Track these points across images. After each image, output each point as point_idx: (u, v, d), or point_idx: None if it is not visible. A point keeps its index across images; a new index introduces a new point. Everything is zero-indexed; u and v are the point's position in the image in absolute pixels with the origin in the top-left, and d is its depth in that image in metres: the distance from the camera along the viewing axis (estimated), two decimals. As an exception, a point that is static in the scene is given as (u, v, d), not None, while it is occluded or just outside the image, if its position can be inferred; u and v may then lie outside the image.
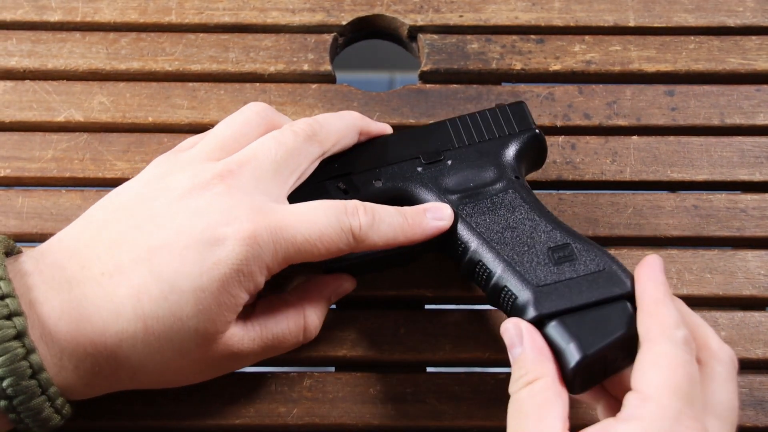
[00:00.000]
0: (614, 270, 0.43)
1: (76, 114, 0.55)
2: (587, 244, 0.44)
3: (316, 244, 0.41)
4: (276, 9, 0.59)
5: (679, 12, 0.59)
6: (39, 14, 0.58)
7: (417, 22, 0.58)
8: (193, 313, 0.39)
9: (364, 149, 0.50)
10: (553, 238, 0.45)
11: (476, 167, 0.48)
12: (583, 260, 0.44)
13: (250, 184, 0.42)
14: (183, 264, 0.39)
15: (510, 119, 0.50)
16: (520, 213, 0.46)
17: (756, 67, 0.57)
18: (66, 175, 0.53)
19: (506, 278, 0.44)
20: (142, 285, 0.39)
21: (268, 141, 0.44)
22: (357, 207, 0.43)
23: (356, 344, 0.49)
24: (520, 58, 0.57)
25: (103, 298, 0.39)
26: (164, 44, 0.58)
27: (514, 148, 0.49)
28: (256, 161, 0.42)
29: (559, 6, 0.59)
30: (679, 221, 0.52)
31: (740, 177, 0.54)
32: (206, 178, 0.41)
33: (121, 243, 0.40)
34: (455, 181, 0.48)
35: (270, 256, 0.40)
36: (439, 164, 0.49)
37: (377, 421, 0.47)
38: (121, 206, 0.42)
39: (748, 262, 0.51)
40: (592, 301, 0.42)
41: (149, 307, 0.39)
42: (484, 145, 0.49)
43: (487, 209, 0.46)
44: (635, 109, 0.56)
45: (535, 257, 0.44)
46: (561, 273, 0.43)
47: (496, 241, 0.45)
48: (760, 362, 0.49)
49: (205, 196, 0.41)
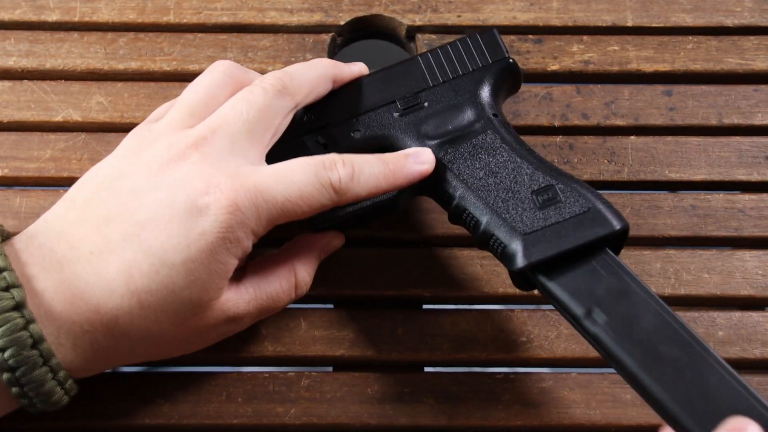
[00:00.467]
0: (599, 209, 0.43)
1: (74, 114, 0.55)
2: (570, 182, 0.44)
3: (298, 203, 0.42)
4: (274, 9, 0.59)
5: (677, 12, 0.59)
6: (37, 14, 0.58)
7: (415, 22, 0.58)
8: (185, 284, 0.39)
9: (339, 97, 0.49)
10: (536, 180, 0.45)
11: (453, 107, 0.48)
12: (568, 202, 0.44)
13: (225, 149, 0.42)
14: (170, 237, 0.39)
15: (482, 49, 0.49)
16: (501, 156, 0.46)
17: (754, 67, 0.57)
18: (64, 175, 0.53)
19: (494, 227, 0.44)
20: (133, 261, 0.39)
21: (238, 102, 0.44)
22: (335, 160, 0.43)
23: (354, 344, 0.49)
24: (518, 58, 0.57)
25: (94, 276, 0.39)
26: (162, 44, 0.58)
27: (489, 82, 0.49)
28: (227, 125, 0.43)
29: (557, 6, 0.59)
30: (676, 221, 0.52)
31: (738, 177, 0.54)
32: (180, 148, 0.42)
33: (107, 220, 0.40)
34: (433, 125, 0.47)
35: (254, 220, 0.41)
36: (416, 108, 0.48)
37: (375, 421, 0.47)
38: (102, 183, 0.42)
39: (746, 262, 0.51)
40: (579, 243, 0.42)
41: (141, 282, 0.39)
42: (459, 81, 0.49)
43: (468, 154, 0.46)
44: (633, 109, 0.56)
45: (520, 203, 0.44)
46: (547, 218, 0.43)
47: (480, 188, 0.45)
48: (757, 362, 0.49)
49: (181, 167, 0.41)
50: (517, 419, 0.47)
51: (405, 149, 0.46)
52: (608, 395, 0.48)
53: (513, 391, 0.48)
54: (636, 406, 0.47)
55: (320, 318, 0.49)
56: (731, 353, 0.49)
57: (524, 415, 0.47)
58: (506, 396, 0.48)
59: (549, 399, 0.48)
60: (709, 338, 0.49)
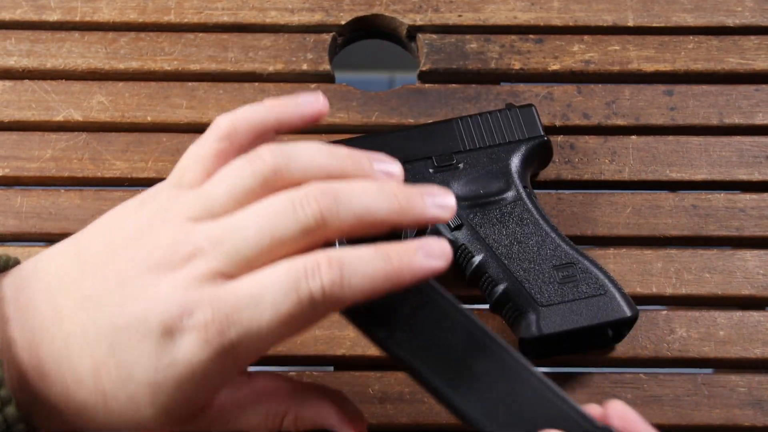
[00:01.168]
0: (614, 294, 0.46)
1: (75, 113, 0.55)
2: (590, 264, 0.47)
3: (279, 329, 0.35)
4: (275, 9, 0.59)
5: (677, 12, 0.59)
6: (38, 14, 0.58)
7: (416, 22, 0.58)
8: (149, 403, 0.36)
9: (377, 144, 0.50)
10: (559, 255, 0.47)
11: (486, 173, 0.50)
12: (586, 282, 0.46)
13: (217, 269, 0.36)
14: (140, 355, 0.36)
15: (520, 123, 0.51)
16: (528, 227, 0.48)
17: (755, 67, 0.57)
18: (65, 175, 0.53)
19: (513, 293, 0.46)
20: (103, 363, 0.36)
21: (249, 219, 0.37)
22: (319, 263, 0.35)
23: (355, 344, 0.49)
24: (519, 58, 0.57)
25: (67, 365, 0.37)
26: (163, 44, 0.58)
27: (523, 156, 0.50)
28: (231, 242, 0.36)
29: (558, 6, 0.59)
30: (677, 221, 0.52)
31: (739, 176, 0.54)
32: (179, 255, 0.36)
33: (90, 306, 0.37)
34: (466, 187, 0.49)
35: (229, 355, 0.35)
36: (451, 167, 0.50)
37: (375, 420, 0.47)
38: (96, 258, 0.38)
39: (746, 261, 0.51)
40: (590, 324, 0.45)
41: (109, 387, 0.37)
42: (495, 149, 0.50)
43: (497, 220, 0.48)
44: (634, 109, 0.56)
45: (541, 275, 0.46)
46: (564, 294, 0.46)
47: (504, 255, 0.47)
48: (758, 362, 0.49)
49: (168, 279, 0.36)
50: (518, 419, 0.47)
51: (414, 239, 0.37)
52: (609, 395, 0.48)
53: (514, 390, 0.48)
54: (636, 406, 0.47)
55: (321, 318, 0.49)
56: (732, 353, 0.49)
57: (525, 415, 0.47)
58: (507, 396, 0.48)
59: (550, 399, 0.48)
60: (710, 338, 0.49)
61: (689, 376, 0.48)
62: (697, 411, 0.48)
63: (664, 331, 0.49)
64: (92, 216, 0.52)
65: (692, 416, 0.47)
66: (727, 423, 0.47)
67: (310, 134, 0.55)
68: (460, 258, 0.48)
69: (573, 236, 0.52)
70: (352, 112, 0.56)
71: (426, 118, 0.55)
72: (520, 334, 0.46)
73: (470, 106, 0.56)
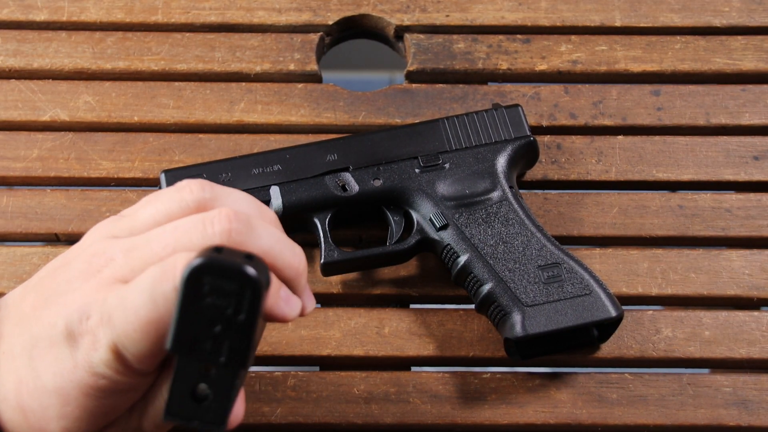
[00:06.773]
0: (599, 294, 0.46)
1: (61, 113, 0.55)
2: (575, 264, 0.47)
3: (145, 328, 0.35)
4: (262, 8, 0.59)
5: (665, 12, 0.59)
6: (25, 13, 0.58)
7: (403, 22, 0.58)
8: (59, 414, 0.37)
9: (363, 143, 0.50)
10: (544, 255, 0.47)
11: (472, 173, 0.50)
12: (571, 282, 0.46)
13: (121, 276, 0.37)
14: (51, 362, 0.36)
15: (506, 123, 0.51)
16: (514, 227, 0.48)
17: (741, 67, 0.57)
18: (51, 175, 0.53)
19: (498, 293, 0.46)
20: (23, 377, 0.37)
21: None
22: (175, 265, 0.35)
23: (341, 343, 0.49)
24: (507, 58, 0.57)
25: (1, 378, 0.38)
26: (150, 44, 0.57)
27: (509, 156, 0.50)
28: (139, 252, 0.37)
29: (545, 6, 0.59)
30: (664, 221, 0.52)
31: (725, 177, 0.54)
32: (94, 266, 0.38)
33: (22, 323, 0.38)
34: (451, 187, 0.49)
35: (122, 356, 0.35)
36: (436, 167, 0.50)
37: (361, 420, 0.47)
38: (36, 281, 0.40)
39: (732, 261, 0.51)
40: (575, 324, 0.45)
41: (27, 401, 0.37)
42: (480, 149, 0.50)
43: (482, 220, 0.48)
44: (621, 109, 0.56)
45: (526, 275, 0.46)
46: (549, 294, 0.46)
47: (489, 255, 0.47)
48: (743, 362, 0.49)
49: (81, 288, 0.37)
50: (503, 418, 0.47)
51: None
52: (594, 395, 0.48)
53: (499, 390, 0.48)
54: (622, 405, 0.48)
55: (307, 318, 0.49)
56: (717, 353, 0.49)
57: (510, 415, 0.47)
58: (492, 395, 0.48)
59: (535, 398, 0.48)
60: (696, 338, 0.49)
61: (675, 376, 0.48)
62: (683, 411, 0.48)
63: (650, 331, 0.49)
64: (78, 216, 0.52)
65: (677, 416, 0.47)
66: (712, 423, 0.47)
67: (298, 134, 0.55)
68: (445, 258, 0.48)
69: (559, 236, 0.52)
70: (339, 112, 0.55)
71: (413, 118, 0.55)
72: (505, 334, 0.46)
73: (457, 106, 0.56)
